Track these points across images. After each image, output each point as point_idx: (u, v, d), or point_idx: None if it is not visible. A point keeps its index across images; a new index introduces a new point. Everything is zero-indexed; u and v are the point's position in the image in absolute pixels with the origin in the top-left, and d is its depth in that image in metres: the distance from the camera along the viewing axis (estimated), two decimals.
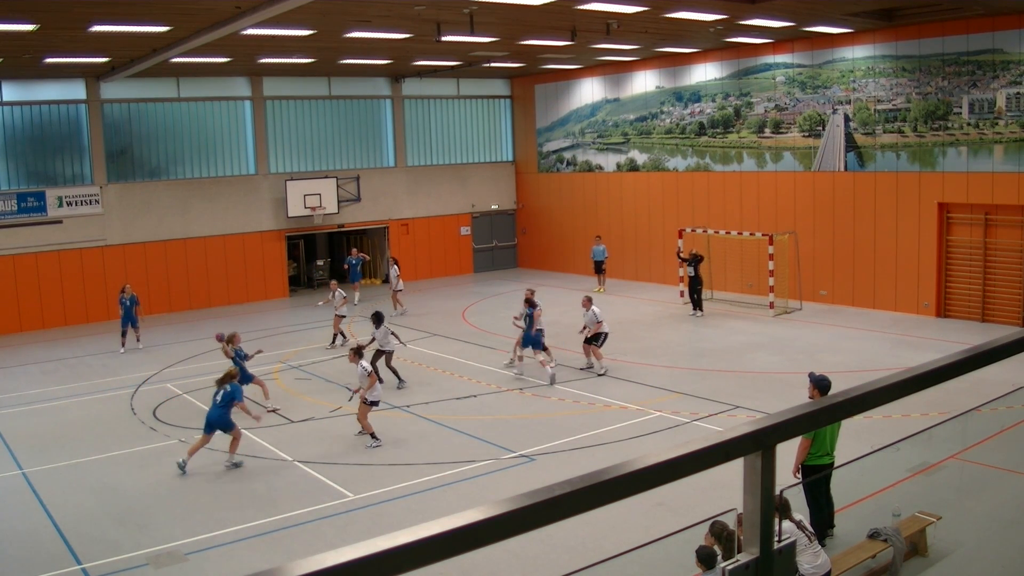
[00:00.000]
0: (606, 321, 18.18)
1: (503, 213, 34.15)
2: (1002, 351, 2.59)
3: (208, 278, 27.89)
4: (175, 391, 17.84)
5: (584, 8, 16.95)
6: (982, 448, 11.15)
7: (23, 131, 25.30)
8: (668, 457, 1.89)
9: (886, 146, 22.31)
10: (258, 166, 28.91)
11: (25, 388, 18.68)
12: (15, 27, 16.20)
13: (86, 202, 25.94)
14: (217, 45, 18.99)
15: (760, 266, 24.02)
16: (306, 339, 22.55)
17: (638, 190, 29.26)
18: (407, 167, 31.94)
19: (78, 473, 13.39)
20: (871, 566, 8.57)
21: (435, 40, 19.30)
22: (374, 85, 31.16)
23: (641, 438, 13.86)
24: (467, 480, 12.49)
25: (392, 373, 17.37)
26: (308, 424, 15.40)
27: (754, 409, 14.86)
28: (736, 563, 2.16)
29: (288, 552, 10.42)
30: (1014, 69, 19.65)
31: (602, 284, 27.74)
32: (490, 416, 15.46)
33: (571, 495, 1.74)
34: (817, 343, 19.73)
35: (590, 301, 18.22)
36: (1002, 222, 20.52)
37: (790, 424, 2.12)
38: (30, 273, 25.09)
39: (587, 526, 10.17)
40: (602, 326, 17.93)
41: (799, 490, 9.40)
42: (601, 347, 17.98)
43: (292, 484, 12.59)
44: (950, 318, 21.50)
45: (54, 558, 10.47)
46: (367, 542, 1.52)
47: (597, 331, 17.91)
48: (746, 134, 25.65)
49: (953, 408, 12.85)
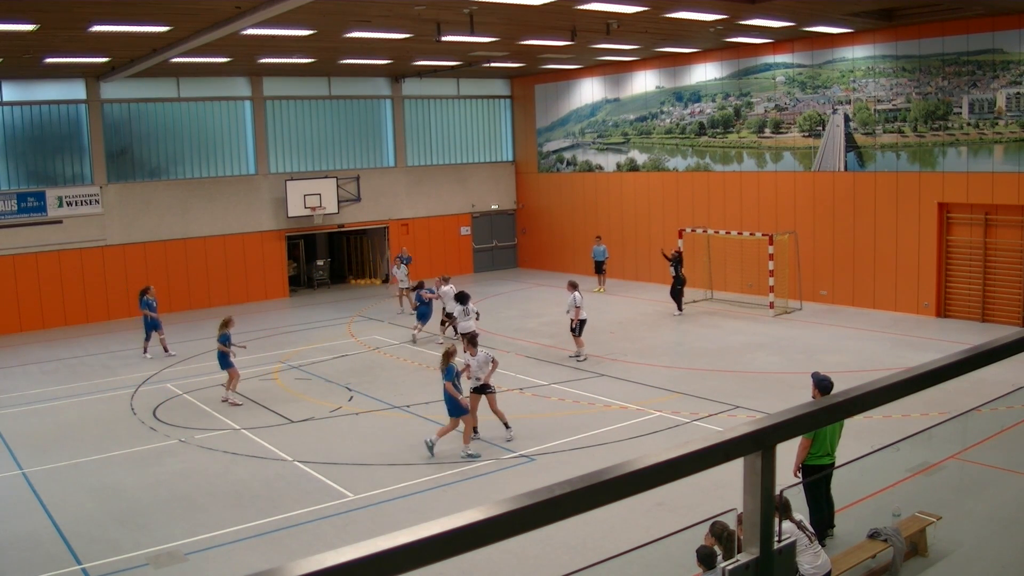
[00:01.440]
0: (584, 308, 19.01)
1: (503, 213, 34.16)
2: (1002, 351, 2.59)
3: (208, 278, 27.89)
4: (175, 391, 17.83)
5: (584, 8, 16.95)
6: (982, 448, 11.15)
7: (23, 131, 25.30)
8: (668, 457, 1.89)
9: (886, 146, 22.31)
10: (258, 166, 28.91)
11: (25, 388, 18.68)
12: (15, 27, 16.20)
13: (86, 202, 25.93)
14: (217, 45, 18.99)
15: (760, 266, 24.02)
16: (306, 339, 22.55)
17: (638, 190, 29.26)
18: (407, 167, 31.94)
19: (78, 473, 13.38)
20: (871, 566, 8.57)
21: (435, 40, 19.30)
22: (374, 85, 31.16)
23: (641, 438, 13.86)
24: (467, 480, 12.49)
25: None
26: (308, 424, 15.40)
27: (754, 409, 14.86)
28: (736, 563, 2.16)
29: (288, 552, 10.42)
30: (1014, 69, 19.65)
31: (602, 284, 27.75)
32: (490, 416, 15.45)
33: (571, 495, 1.73)
34: (817, 343, 19.73)
35: (574, 287, 19.12)
36: (1002, 222, 20.52)
37: (790, 424, 2.12)
38: (30, 273, 25.08)
39: (587, 526, 10.17)
40: (580, 312, 18.77)
41: (799, 490, 9.40)
42: (580, 335, 18.84)
43: (292, 484, 12.58)
44: (950, 318, 21.50)
45: (54, 558, 10.47)
46: (367, 542, 1.52)
47: (578, 317, 18.81)
48: (746, 134, 25.64)
49: (953, 408, 12.85)
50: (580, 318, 18.85)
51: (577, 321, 18.90)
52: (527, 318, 23.79)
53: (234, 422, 15.60)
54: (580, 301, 18.77)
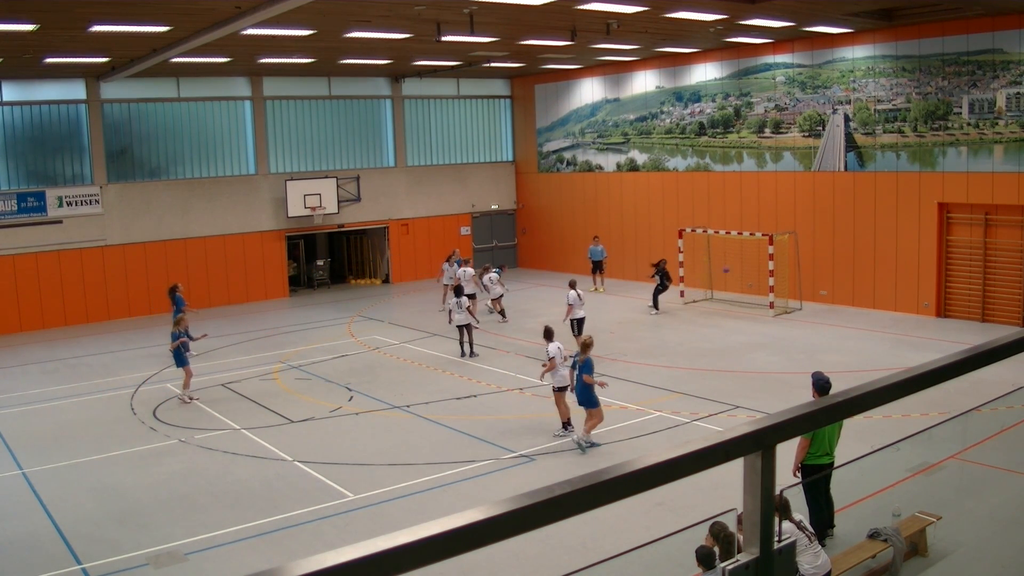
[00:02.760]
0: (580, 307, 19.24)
1: (503, 213, 34.16)
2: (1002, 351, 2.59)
3: (208, 278, 27.89)
4: (175, 391, 17.83)
5: (584, 8, 16.95)
6: (982, 448, 11.14)
7: (23, 131, 25.29)
8: (668, 457, 1.89)
9: (886, 146, 22.31)
10: (258, 166, 28.91)
11: (25, 388, 18.67)
12: (15, 27, 16.19)
13: (86, 202, 25.93)
14: (217, 45, 18.99)
15: (760, 266, 24.02)
16: (306, 339, 22.55)
17: (638, 190, 29.26)
18: (407, 167, 31.94)
19: (78, 473, 13.38)
20: (871, 566, 8.57)
21: (435, 40, 19.30)
22: (374, 85, 31.16)
23: (641, 438, 13.86)
24: (467, 480, 12.49)
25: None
26: (308, 424, 15.39)
27: (754, 409, 14.86)
28: (736, 563, 2.16)
29: (288, 552, 10.42)
30: (1014, 69, 19.64)
31: (602, 284, 27.72)
32: (490, 416, 15.46)
33: (571, 495, 1.74)
34: (817, 343, 19.73)
35: (572, 285, 19.46)
36: (1002, 222, 20.51)
37: (790, 424, 2.12)
38: (30, 273, 25.08)
39: (587, 526, 10.18)
40: (574, 310, 19.04)
41: (799, 490, 9.40)
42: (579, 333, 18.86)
43: (292, 484, 12.58)
44: (950, 318, 21.50)
45: (54, 558, 10.47)
46: (367, 542, 1.52)
47: (572, 314, 19.07)
48: (746, 134, 25.64)
49: (953, 408, 12.84)
50: (574, 317, 18.93)
51: (572, 320, 18.98)
52: (527, 318, 23.77)
53: (234, 422, 15.60)
54: (574, 299, 18.86)
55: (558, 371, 13.84)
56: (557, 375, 13.86)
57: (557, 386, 13.89)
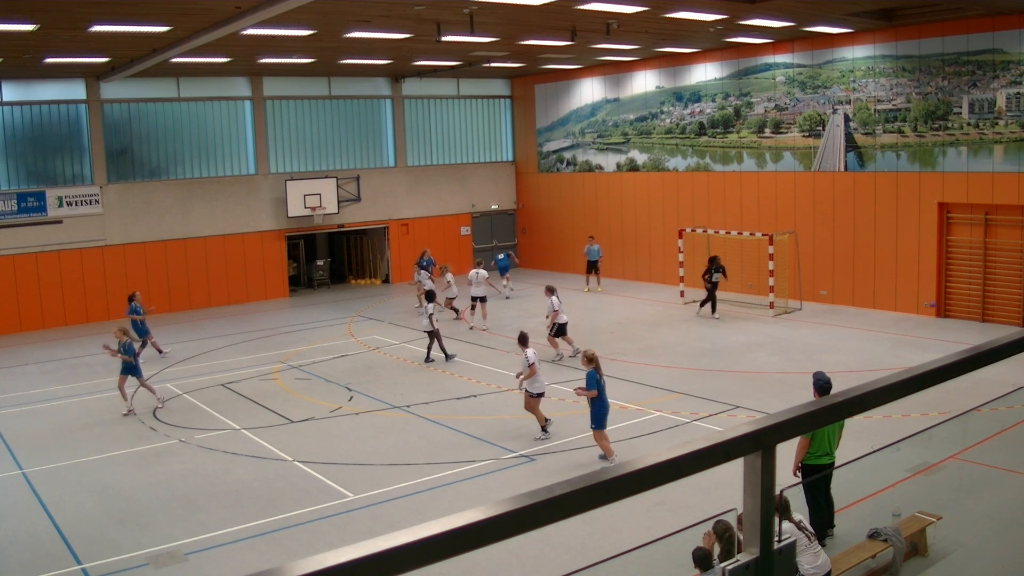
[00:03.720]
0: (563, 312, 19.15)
1: (503, 213, 34.15)
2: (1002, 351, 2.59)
3: (208, 278, 27.89)
4: (175, 391, 17.83)
5: (584, 8, 16.95)
6: (982, 448, 11.14)
7: (23, 131, 25.29)
8: (668, 457, 1.89)
9: (886, 146, 22.31)
10: (258, 166, 28.91)
11: (25, 388, 18.68)
12: (15, 27, 16.20)
13: (86, 202, 25.93)
14: (217, 45, 18.99)
15: (760, 266, 24.02)
16: (306, 339, 22.55)
17: (638, 190, 29.26)
18: (407, 167, 31.94)
19: (78, 473, 13.39)
20: (871, 566, 8.57)
21: (435, 40, 19.30)
22: (374, 85, 31.16)
23: (641, 438, 13.86)
24: (467, 480, 12.49)
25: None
26: (308, 424, 15.39)
27: (754, 409, 14.86)
28: (736, 563, 2.16)
29: (288, 552, 10.42)
30: (1014, 69, 19.64)
31: (598, 284, 27.64)
32: (490, 416, 15.46)
33: (571, 495, 1.74)
34: (817, 343, 19.73)
35: (551, 291, 19.24)
36: (1002, 222, 20.52)
37: (790, 424, 2.12)
38: (30, 273, 25.08)
39: (587, 526, 10.18)
40: (559, 315, 18.97)
41: (799, 490, 9.40)
42: (566, 335, 19.15)
43: (292, 484, 12.58)
44: (950, 318, 21.50)
45: (54, 558, 10.47)
46: (367, 542, 1.52)
47: (555, 320, 18.99)
48: (746, 134, 25.64)
49: (953, 408, 12.85)
50: (558, 321, 18.97)
51: (555, 324, 19.00)
52: (526, 318, 23.76)
53: (234, 422, 15.61)
54: (559, 305, 18.89)
55: (537, 378, 13.87)
56: (536, 382, 13.88)
57: (534, 392, 13.89)
